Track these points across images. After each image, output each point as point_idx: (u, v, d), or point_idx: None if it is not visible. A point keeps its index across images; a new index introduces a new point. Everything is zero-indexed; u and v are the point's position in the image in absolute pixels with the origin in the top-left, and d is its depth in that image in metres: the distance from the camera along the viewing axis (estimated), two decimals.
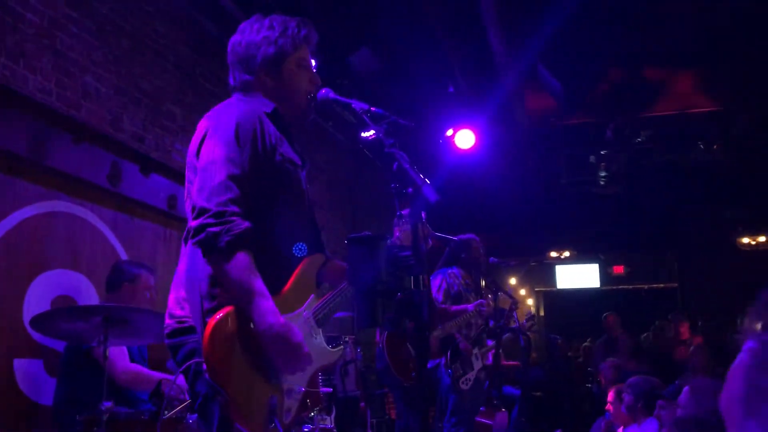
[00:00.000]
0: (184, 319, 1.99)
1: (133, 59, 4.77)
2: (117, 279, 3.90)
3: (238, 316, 1.83)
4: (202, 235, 1.82)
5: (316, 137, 7.70)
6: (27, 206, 3.92)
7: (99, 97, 4.43)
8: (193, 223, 1.85)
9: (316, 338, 2.05)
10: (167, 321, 2.05)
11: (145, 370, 3.74)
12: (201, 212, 1.84)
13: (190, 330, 1.95)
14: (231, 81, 2.23)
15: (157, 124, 5.00)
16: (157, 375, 3.64)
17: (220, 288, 1.88)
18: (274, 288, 1.92)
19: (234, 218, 1.83)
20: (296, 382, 1.96)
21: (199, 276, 1.91)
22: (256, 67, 2.16)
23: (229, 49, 2.23)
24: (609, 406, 5.19)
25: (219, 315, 1.80)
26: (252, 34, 2.18)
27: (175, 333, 2.01)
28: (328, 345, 2.13)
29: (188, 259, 1.99)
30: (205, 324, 1.81)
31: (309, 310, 2.06)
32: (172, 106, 5.17)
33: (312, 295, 2.08)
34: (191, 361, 1.90)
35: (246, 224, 1.85)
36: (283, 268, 2.04)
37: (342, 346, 2.14)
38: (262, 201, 1.99)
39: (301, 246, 2.09)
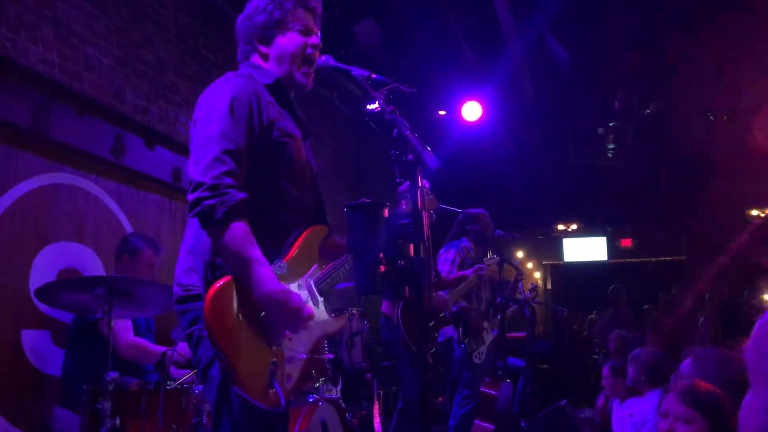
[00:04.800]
0: (190, 287, 2.05)
1: (135, 30, 4.73)
2: (120, 249, 3.94)
3: (238, 284, 1.87)
4: (198, 208, 1.87)
5: (320, 109, 7.66)
6: (31, 178, 3.91)
7: (101, 68, 4.40)
8: (189, 197, 1.90)
9: (318, 307, 2.08)
10: (175, 289, 2.11)
11: (148, 344, 3.75)
12: (197, 186, 1.88)
13: (197, 297, 2.01)
14: (237, 56, 2.30)
15: (160, 96, 4.97)
16: (160, 348, 3.66)
17: (222, 258, 1.93)
18: (276, 258, 1.98)
19: (229, 190, 1.87)
20: (297, 349, 1.98)
21: (204, 247, 1.97)
22: (250, 36, 2.23)
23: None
24: (604, 382, 5.18)
25: (219, 283, 1.85)
26: (250, 7, 2.25)
27: (181, 300, 2.08)
28: (330, 314, 2.15)
29: (195, 230, 2.05)
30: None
31: (311, 279, 2.09)
32: (175, 77, 5.13)
33: (315, 265, 2.11)
34: (194, 328, 1.97)
35: (241, 195, 1.88)
36: (285, 240, 2.08)
37: (345, 315, 2.14)
38: (259, 175, 2.02)
39: (302, 218, 2.12)
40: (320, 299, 2.09)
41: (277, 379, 1.86)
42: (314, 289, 2.08)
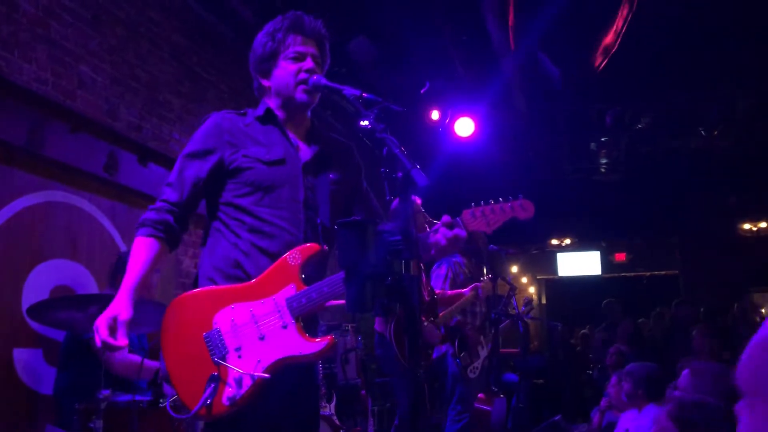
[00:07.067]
0: None
1: (129, 48, 4.76)
2: (118, 271, 3.89)
3: (177, 305, 2.12)
4: None
5: None
6: (24, 196, 3.92)
7: (95, 86, 4.42)
8: None
9: (285, 327, 2.04)
10: None
11: (143, 361, 3.73)
12: None
13: None
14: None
15: (154, 113, 4.99)
16: (154, 364, 3.64)
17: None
18: (249, 276, 2.11)
19: (146, 214, 2.19)
20: (247, 369, 2.00)
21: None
22: (255, 71, 2.36)
23: None
24: (610, 390, 5.20)
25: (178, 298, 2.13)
26: (254, 43, 2.36)
27: None
28: (304, 335, 2.05)
29: None
30: None
31: (282, 297, 2.07)
32: (168, 95, 5.15)
33: (292, 284, 2.08)
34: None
35: (145, 215, 2.18)
36: (260, 259, 2.12)
37: (328, 338, 2.08)
38: (224, 200, 2.21)
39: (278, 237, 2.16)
40: (292, 318, 2.05)
41: (213, 392, 1.97)
42: (285, 308, 2.05)
